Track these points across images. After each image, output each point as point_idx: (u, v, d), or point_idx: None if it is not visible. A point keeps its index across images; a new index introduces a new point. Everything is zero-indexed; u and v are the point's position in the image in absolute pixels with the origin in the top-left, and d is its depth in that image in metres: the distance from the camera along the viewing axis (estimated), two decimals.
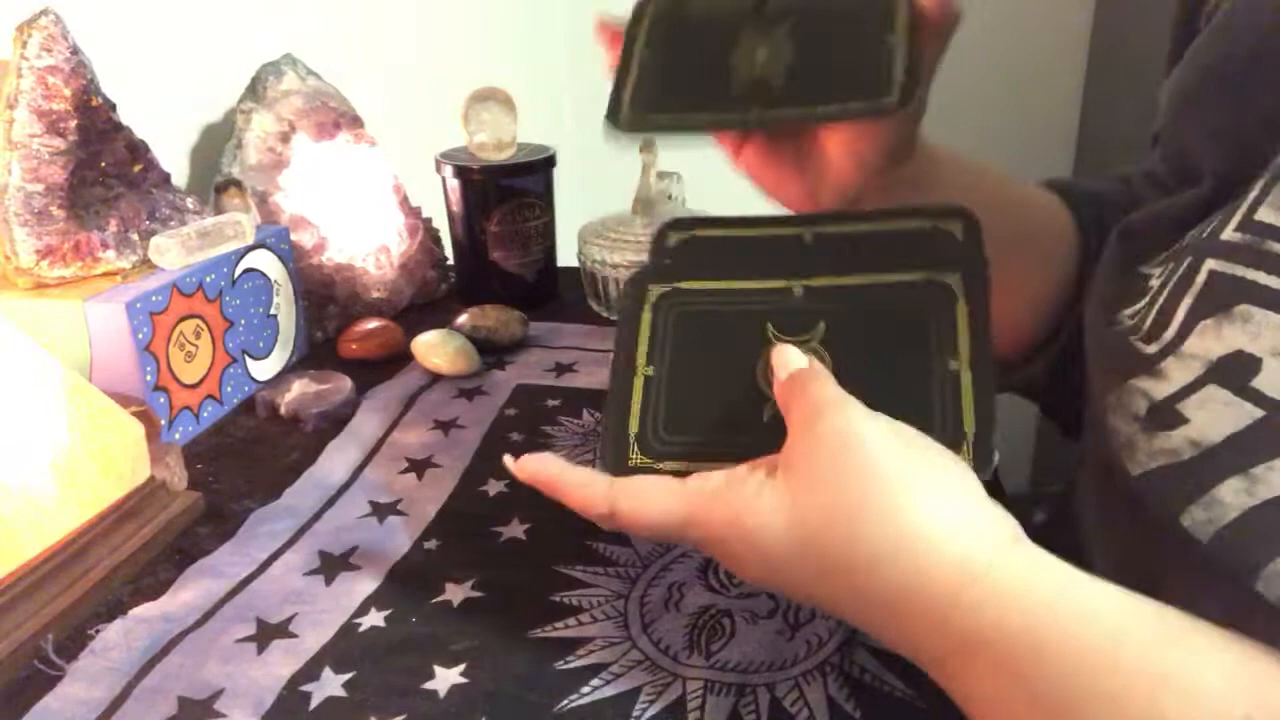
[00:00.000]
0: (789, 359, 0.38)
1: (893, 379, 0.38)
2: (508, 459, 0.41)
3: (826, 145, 0.45)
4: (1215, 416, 0.32)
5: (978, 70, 1.38)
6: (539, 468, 0.39)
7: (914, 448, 0.34)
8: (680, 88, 0.45)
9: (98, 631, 0.46)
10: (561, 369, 0.75)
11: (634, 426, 0.41)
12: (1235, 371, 0.32)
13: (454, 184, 0.84)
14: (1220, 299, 0.33)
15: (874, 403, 0.35)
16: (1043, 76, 1.41)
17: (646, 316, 0.44)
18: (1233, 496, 0.31)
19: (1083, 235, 0.51)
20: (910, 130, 0.45)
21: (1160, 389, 0.34)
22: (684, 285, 0.44)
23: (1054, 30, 1.39)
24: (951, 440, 0.36)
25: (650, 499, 0.37)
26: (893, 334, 0.40)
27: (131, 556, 0.51)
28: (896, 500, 0.32)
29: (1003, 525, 0.32)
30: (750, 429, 0.40)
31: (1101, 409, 0.38)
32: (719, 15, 0.45)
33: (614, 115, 0.44)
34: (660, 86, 0.45)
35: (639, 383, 0.42)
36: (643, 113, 0.44)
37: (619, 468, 0.40)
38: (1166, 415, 0.34)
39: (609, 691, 0.42)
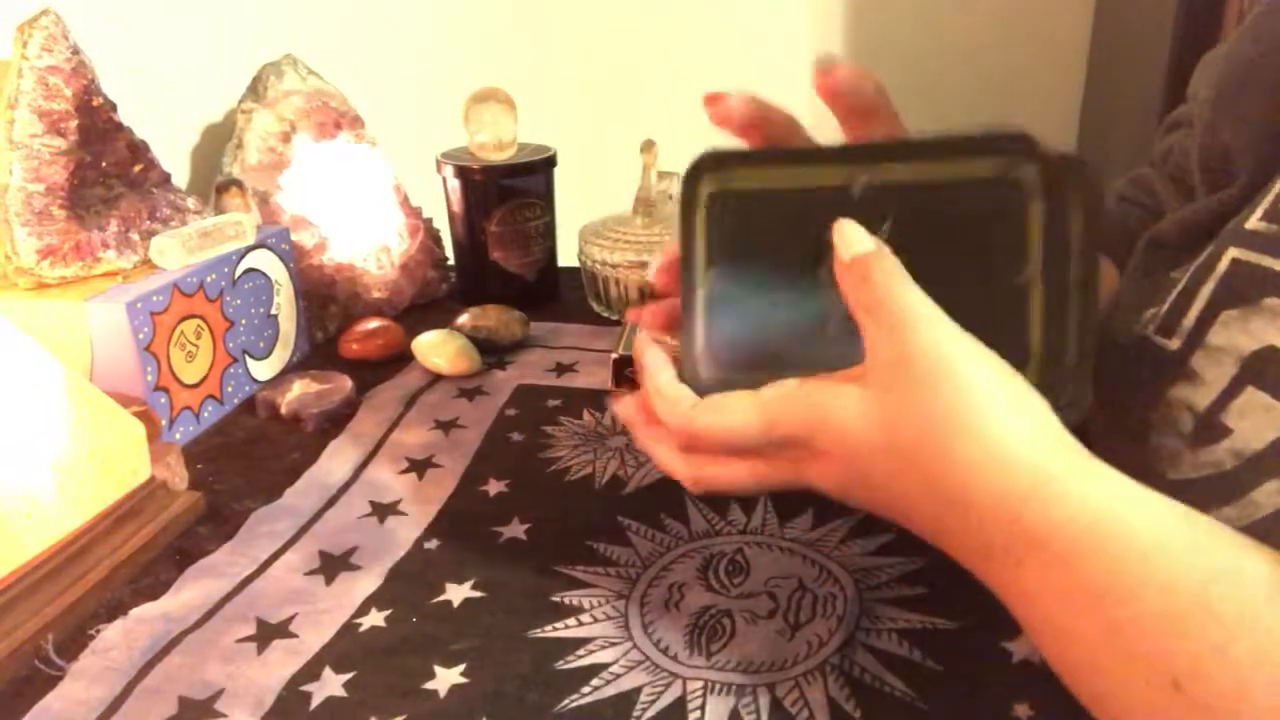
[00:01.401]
0: (852, 240, 0.36)
1: (958, 290, 0.35)
2: (641, 334, 0.42)
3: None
4: (1257, 424, 0.32)
5: (978, 70, 1.38)
6: (649, 363, 0.41)
7: (1000, 376, 0.34)
8: (755, 354, 0.40)
9: (98, 631, 0.46)
10: (562, 369, 0.75)
11: (700, 342, 0.40)
12: (1272, 370, 0.32)
13: (454, 184, 0.84)
14: (1244, 288, 0.33)
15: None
16: (1043, 76, 1.41)
17: (701, 220, 0.41)
18: (1267, 498, 0.31)
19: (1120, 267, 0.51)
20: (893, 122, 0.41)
21: (1201, 398, 0.34)
22: (737, 183, 0.41)
23: (1054, 30, 1.39)
24: (1016, 362, 0.34)
25: (727, 409, 0.37)
26: (959, 239, 0.37)
27: (131, 556, 0.51)
28: (984, 417, 0.32)
29: (1073, 442, 0.33)
30: (813, 341, 0.38)
31: (1141, 423, 0.37)
32: (799, 213, 0.39)
33: (691, 375, 0.41)
34: (731, 349, 0.40)
35: (702, 294, 0.41)
36: (716, 374, 0.40)
37: (694, 386, 0.40)
38: (1212, 429, 0.34)
39: (609, 691, 0.42)
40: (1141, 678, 0.27)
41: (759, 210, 0.40)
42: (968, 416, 0.32)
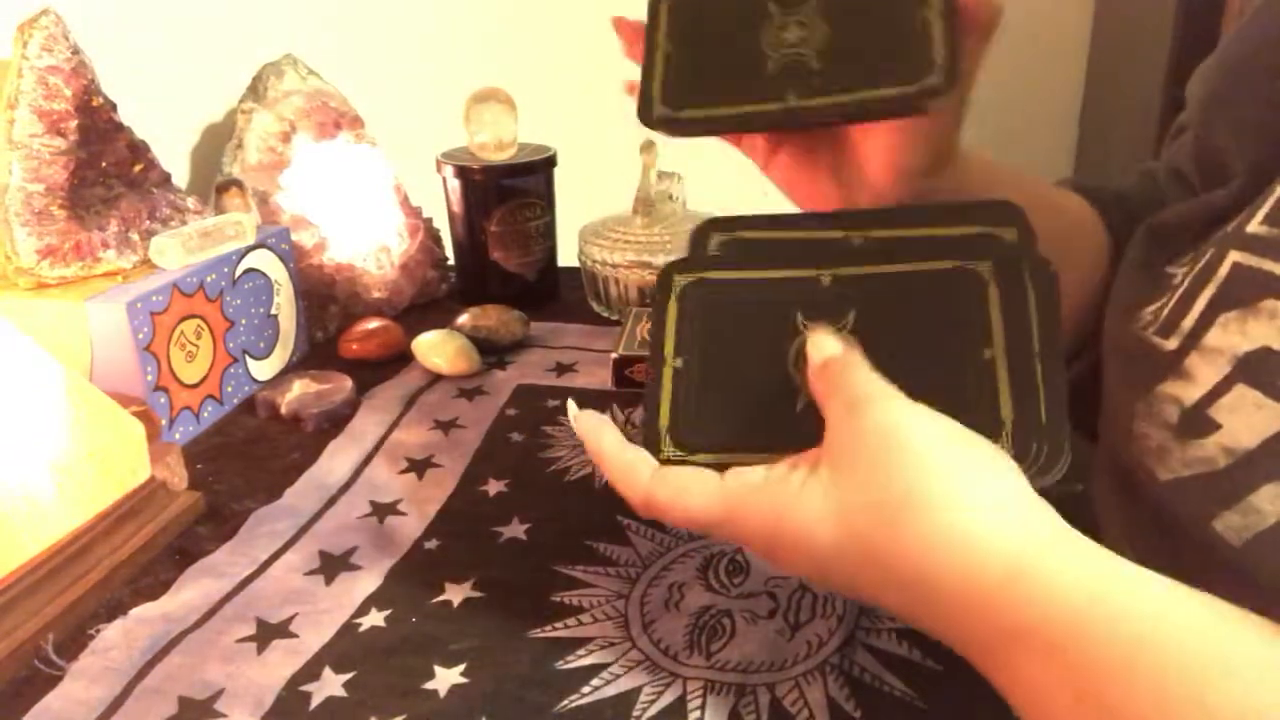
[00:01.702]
0: (824, 345, 0.37)
1: (924, 368, 0.38)
2: (571, 405, 0.42)
3: (862, 149, 0.43)
4: (1248, 421, 0.32)
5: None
6: (593, 431, 0.40)
7: (958, 441, 0.33)
8: (710, 78, 0.43)
9: (98, 631, 0.46)
10: (562, 369, 0.75)
11: (665, 420, 0.41)
12: (1264, 370, 0.32)
13: (454, 184, 0.84)
14: (1244, 292, 0.33)
15: (906, 392, 0.35)
16: (1043, 76, 1.41)
17: (673, 307, 0.43)
18: (1270, 504, 0.31)
19: (1113, 238, 0.50)
20: (952, 132, 0.43)
21: (1189, 392, 0.34)
22: (710, 276, 0.43)
23: (1054, 30, 1.39)
24: (989, 430, 0.35)
25: (689, 493, 0.37)
26: (923, 323, 0.39)
27: (131, 556, 0.51)
28: (944, 497, 0.31)
29: (1046, 517, 0.32)
30: (782, 421, 0.39)
31: (1128, 416, 0.37)
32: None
33: (645, 113, 0.43)
34: (689, 79, 0.43)
35: (668, 374, 0.42)
36: (674, 109, 0.43)
37: (653, 453, 0.40)
38: (1199, 422, 0.33)
39: (609, 691, 0.42)
40: None
41: (731, 299, 0.43)
42: (921, 492, 0.31)
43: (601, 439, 0.40)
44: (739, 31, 0.43)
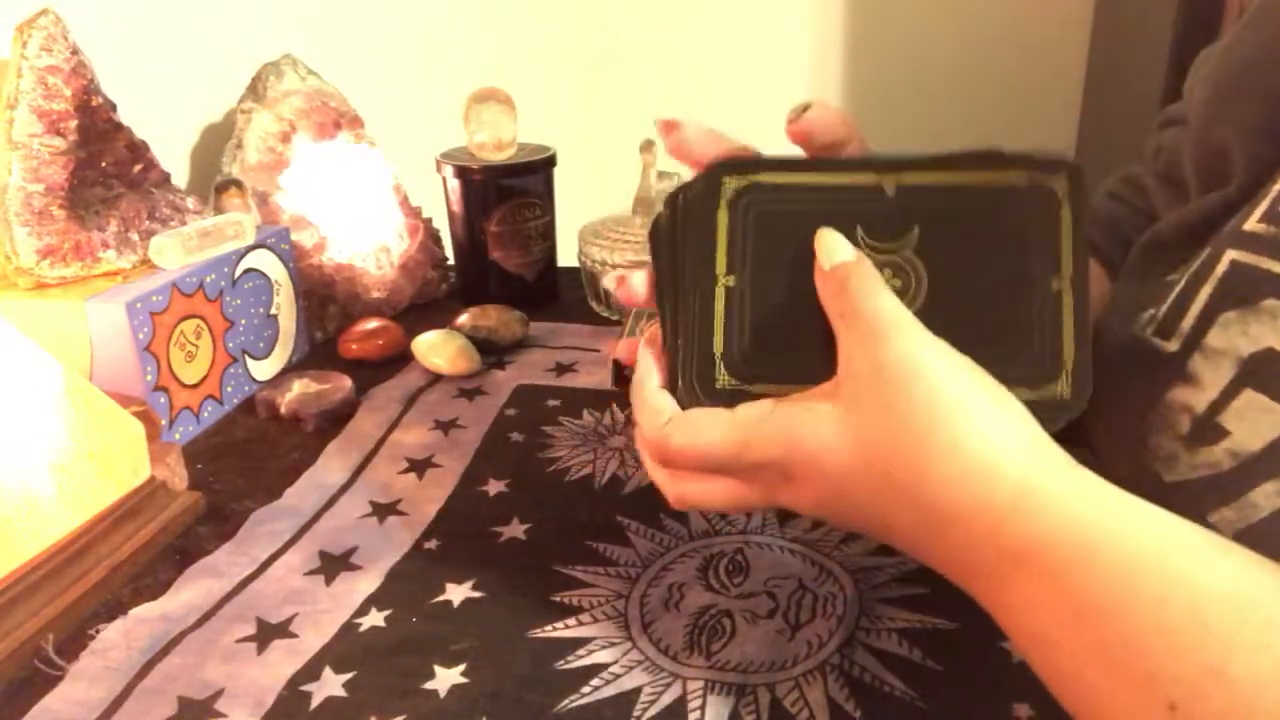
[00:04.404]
0: (835, 249, 0.36)
1: (990, 297, 0.36)
2: (645, 330, 0.41)
3: None
4: (1255, 426, 0.32)
5: (978, 71, 1.38)
6: (643, 364, 0.40)
7: (974, 373, 0.33)
8: (784, 349, 0.38)
9: (98, 631, 0.46)
10: (562, 369, 0.75)
11: (719, 345, 0.38)
12: (1270, 373, 0.32)
13: (454, 184, 0.84)
14: (1242, 290, 0.33)
15: (970, 322, 0.34)
16: (1043, 76, 1.41)
17: (723, 216, 0.39)
18: (1265, 499, 0.31)
19: (1112, 271, 0.50)
20: None
21: (1199, 399, 0.34)
22: (763, 179, 0.38)
23: (1054, 30, 1.39)
24: (1050, 368, 0.34)
25: (701, 431, 0.36)
26: (992, 244, 0.37)
27: (131, 556, 0.51)
28: (961, 426, 0.32)
29: (1056, 449, 0.32)
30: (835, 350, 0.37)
31: (1137, 425, 0.37)
32: (828, 213, 0.38)
33: (706, 382, 0.38)
34: (759, 345, 0.38)
35: (720, 294, 0.38)
36: (743, 382, 0.38)
37: (707, 392, 0.38)
38: (1210, 431, 0.34)
39: (609, 691, 0.42)
40: (1136, 698, 0.26)
41: (788, 208, 0.38)
42: (942, 426, 0.32)
43: (646, 377, 0.39)
44: (813, 311, 0.37)
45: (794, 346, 0.38)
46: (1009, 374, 0.34)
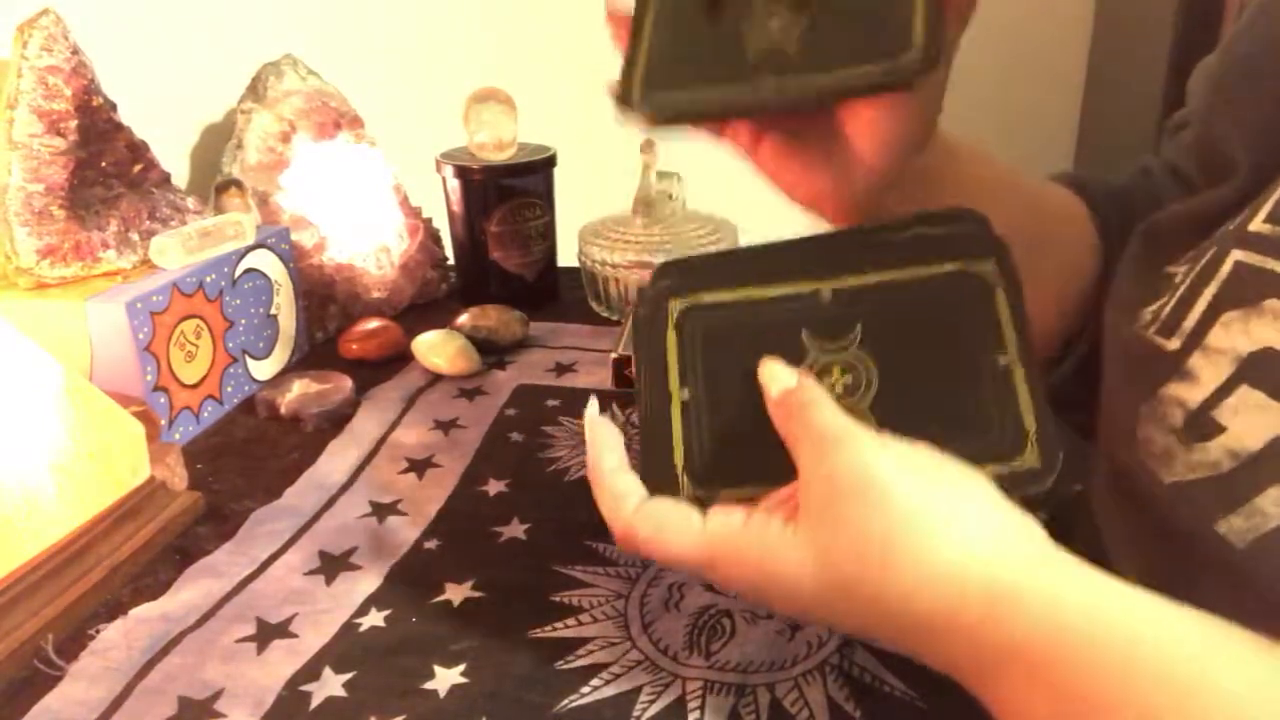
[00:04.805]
0: (777, 376, 0.37)
1: (942, 381, 0.37)
2: (592, 404, 0.41)
3: (849, 130, 0.42)
4: (1252, 422, 0.32)
5: (978, 71, 1.38)
6: (598, 443, 0.39)
7: (930, 472, 0.33)
8: (690, 65, 0.42)
9: (98, 631, 0.46)
10: (562, 369, 0.75)
11: (679, 458, 0.39)
12: (1268, 371, 0.32)
13: (454, 184, 0.84)
14: (1246, 291, 0.33)
15: (927, 408, 0.34)
16: (1043, 76, 1.41)
17: (672, 337, 0.41)
18: (1275, 506, 0.31)
19: (1104, 234, 0.50)
20: (934, 107, 0.42)
21: (1193, 394, 0.34)
22: (705, 299, 0.42)
23: (1054, 30, 1.39)
24: (1014, 441, 0.35)
25: (668, 532, 0.36)
26: (933, 331, 0.38)
27: (131, 556, 0.51)
28: (921, 533, 0.32)
29: (1029, 536, 0.32)
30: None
31: (1131, 418, 0.37)
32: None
33: (625, 98, 0.41)
34: (670, 65, 0.42)
35: (676, 408, 0.40)
36: (653, 94, 0.41)
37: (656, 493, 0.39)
38: (1204, 425, 0.33)
39: (609, 691, 0.42)
40: None
41: (732, 322, 0.41)
42: (899, 534, 0.32)
43: (603, 456, 0.39)
44: (723, 21, 0.41)
45: (754, 449, 0.38)
46: (975, 453, 0.35)
